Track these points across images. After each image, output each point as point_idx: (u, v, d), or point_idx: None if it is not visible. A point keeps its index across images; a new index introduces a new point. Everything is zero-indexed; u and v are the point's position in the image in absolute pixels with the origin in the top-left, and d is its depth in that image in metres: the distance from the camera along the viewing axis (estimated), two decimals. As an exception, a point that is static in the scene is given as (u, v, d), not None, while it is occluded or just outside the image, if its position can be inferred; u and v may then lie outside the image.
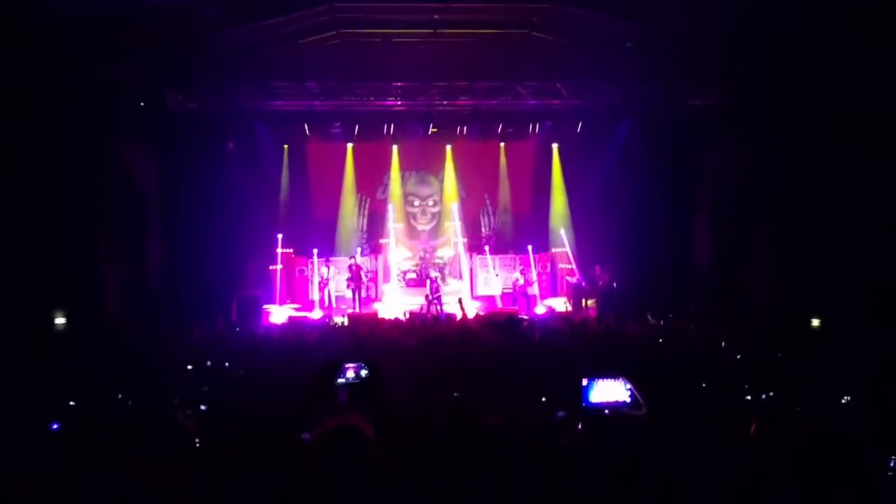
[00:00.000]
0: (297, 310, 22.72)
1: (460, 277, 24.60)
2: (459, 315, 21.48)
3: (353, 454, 3.24)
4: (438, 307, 22.29)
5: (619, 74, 20.50)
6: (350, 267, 22.91)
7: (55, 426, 8.63)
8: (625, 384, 2.60)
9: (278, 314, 22.18)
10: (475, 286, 24.37)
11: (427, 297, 22.65)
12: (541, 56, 20.77)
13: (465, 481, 3.86)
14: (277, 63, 20.38)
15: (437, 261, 24.83)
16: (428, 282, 23.10)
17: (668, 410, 2.38)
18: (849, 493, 2.68)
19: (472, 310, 21.85)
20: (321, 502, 3.40)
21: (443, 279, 23.82)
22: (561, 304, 23.55)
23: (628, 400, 2.63)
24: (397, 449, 3.69)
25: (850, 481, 2.76)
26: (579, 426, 6.25)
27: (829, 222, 18.25)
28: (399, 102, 20.76)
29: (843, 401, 10.83)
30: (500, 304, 23.57)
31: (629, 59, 20.29)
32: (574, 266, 23.92)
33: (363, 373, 3.45)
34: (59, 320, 18.49)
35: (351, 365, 3.47)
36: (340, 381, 3.45)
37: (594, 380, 2.81)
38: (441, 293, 22.83)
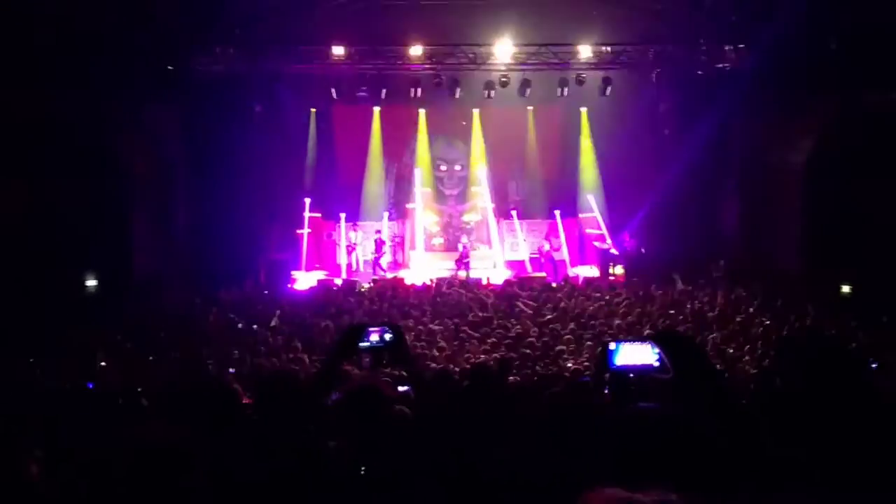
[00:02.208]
0: (326, 275, 22.84)
1: (488, 244, 24.57)
2: (485, 280, 21.54)
3: (374, 415, 3.24)
4: (467, 272, 22.36)
5: (649, 37, 20.22)
6: (377, 241, 23.20)
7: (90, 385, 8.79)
8: (652, 347, 2.54)
9: (305, 280, 22.31)
10: (503, 251, 24.35)
11: (457, 261, 22.74)
12: (570, 19, 20.52)
13: (490, 441, 3.85)
14: (304, 26, 20.29)
15: (464, 225, 24.78)
16: (460, 246, 23.16)
17: (694, 374, 2.33)
18: None
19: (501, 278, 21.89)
20: (345, 463, 3.42)
21: (471, 244, 23.83)
22: (588, 272, 23.47)
23: (656, 363, 2.57)
24: (424, 409, 3.69)
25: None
26: (605, 390, 6.24)
27: (858, 186, 18.05)
28: (426, 66, 20.61)
29: (873, 366, 10.77)
30: (529, 269, 23.53)
31: (659, 21, 20.01)
32: (602, 231, 23.79)
33: (387, 336, 3.43)
34: (91, 282, 18.73)
35: (375, 329, 3.45)
36: (364, 344, 3.43)
37: (620, 343, 2.75)
38: (470, 258, 22.88)
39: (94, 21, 16.97)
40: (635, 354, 2.68)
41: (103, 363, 13.57)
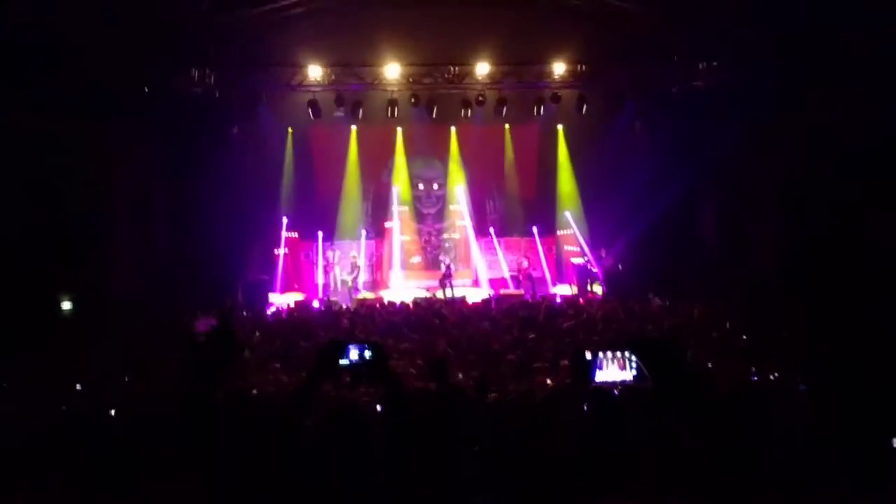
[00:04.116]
0: (305, 297, 22.81)
1: (467, 264, 24.65)
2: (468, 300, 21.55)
3: (353, 432, 3.24)
4: (451, 290, 22.45)
5: (624, 55, 20.40)
6: (350, 263, 23.30)
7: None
8: (630, 358, 2.52)
9: (281, 302, 22.26)
10: (486, 270, 24.40)
11: (441, 280, 22.83)
12: (545, 38, 20.67)
13: (468, 456, 3.86)
14: (280, 46, 20.33)
15: (443, 244, 24.80)
16: (442, 266, 23.25)
17: (675, 386, 2.34)
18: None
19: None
20: (324, 480, 3.41)
21: (452, 263, 23.91)
22: (567, 290, 23.54)
23: (634, 376, 2.56)
24: (403, 427, 3.69)
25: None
26: (584, 406, 6.25)
27: (834, 203, 18.25)
28: (402, 85, 20.68)
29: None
30: (511, 286, 23.59)
31: (633, 39, 20.21)
32: (581, 248, 23.90)
33: (366, 353, 3.43)
34: (66, 304, 18.54)
35: (354, 346, 3.44)
36: (343, 362, 3.43)
37: (599, 355, 2.73)
38: (453, 277, 22.98)
39: (71, 40, 16.91)
40: (614, 368, 2.66)
41: (79, 387, 13.43)
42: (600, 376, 2.80)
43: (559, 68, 20.41)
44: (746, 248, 21.14)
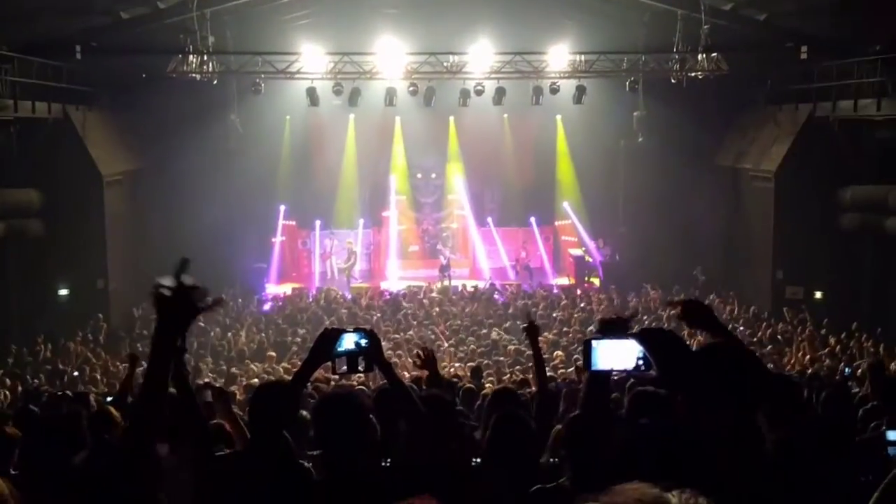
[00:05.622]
0: (303, 287, 22.75)
1: (465, 254, 24.62)
2: (460, 288, 21.52)
3: (349, 421, 3.22)
4: (449, 280, 22.44)
5: (623, 46, 20.33)
6: (347, 251, 23.29)
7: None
8: (635, 346, 2.49)
9: (277, 292, 22.17)
10: (480, 260, 24.35)
11: (440, 268, 22.82)
12: (543, 28, 20.59)
13: (466, 447, 3.85)
14: (279, 34, 20.24)
15: (440, 233, 24.73)
16: (442, 258, 23.24)
17: (680, 373, 2.31)
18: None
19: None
20: (319, 469, 3.40)
21: (450, 252, 23.90)
22: (564, 281, 23.48)
23: (639, 364, 2.53)
24: (397, 416, 3.68)
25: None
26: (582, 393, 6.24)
27: (829, 193, 18.33)
28: (401, 74, 20.58)
29: (846, 372, 10.91)
30: (511, 276, 23.54)
31: (632, 30, 20.15)
32: (580, 238, 23.86)
33: (362, 342, 3.41)
34: (63, 291, 18.54)
35: (349, 334, 3.43)
36: (339, 349, 3.42)
37: (601, 341, 2.70)
38: (451, 269, 22.98)
39: (68, 27, 16.87)
40: (617, 354, 2.63)
41: (76, 373, 13.44)
42: (600, 363, 2.77)
43: (558, 59, 20.32)
44: (744, 239, 21.16)
